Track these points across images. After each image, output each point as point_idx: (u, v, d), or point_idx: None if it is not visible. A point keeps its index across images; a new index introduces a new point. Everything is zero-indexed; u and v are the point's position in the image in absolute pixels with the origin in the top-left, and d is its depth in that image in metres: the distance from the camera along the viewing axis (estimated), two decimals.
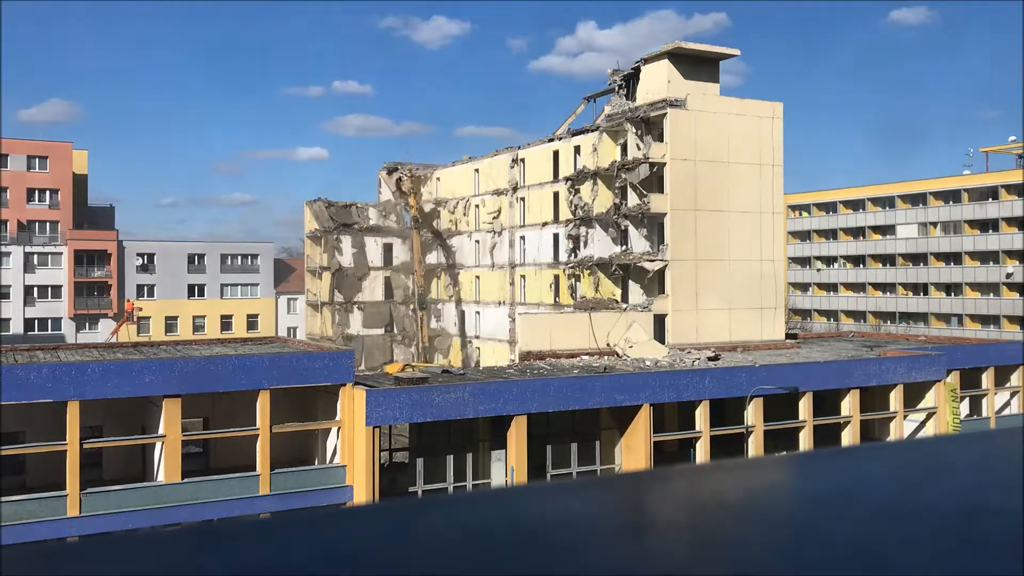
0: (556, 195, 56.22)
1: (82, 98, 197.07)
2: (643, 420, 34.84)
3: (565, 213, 55.05)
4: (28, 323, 77.40)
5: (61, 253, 78.50)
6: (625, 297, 50.55)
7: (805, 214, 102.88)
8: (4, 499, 27.02)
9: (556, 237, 56.14)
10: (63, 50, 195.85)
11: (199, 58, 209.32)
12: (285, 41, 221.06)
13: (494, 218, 62.45)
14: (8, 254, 76.72)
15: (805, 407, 38.00)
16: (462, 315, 65.73)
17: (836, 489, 1.44)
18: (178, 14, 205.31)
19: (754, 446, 36.49)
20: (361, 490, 30.86)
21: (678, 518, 1.34)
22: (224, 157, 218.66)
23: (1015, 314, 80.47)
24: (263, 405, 30.58)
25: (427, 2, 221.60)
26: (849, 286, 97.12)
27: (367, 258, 70.03)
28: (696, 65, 50.11)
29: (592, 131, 53.92)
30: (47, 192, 79.87)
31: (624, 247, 51.13)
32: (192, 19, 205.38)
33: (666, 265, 47.29)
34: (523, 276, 59.41)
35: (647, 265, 48.02)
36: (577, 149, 55.11)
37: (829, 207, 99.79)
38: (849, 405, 39.18)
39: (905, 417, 41.05)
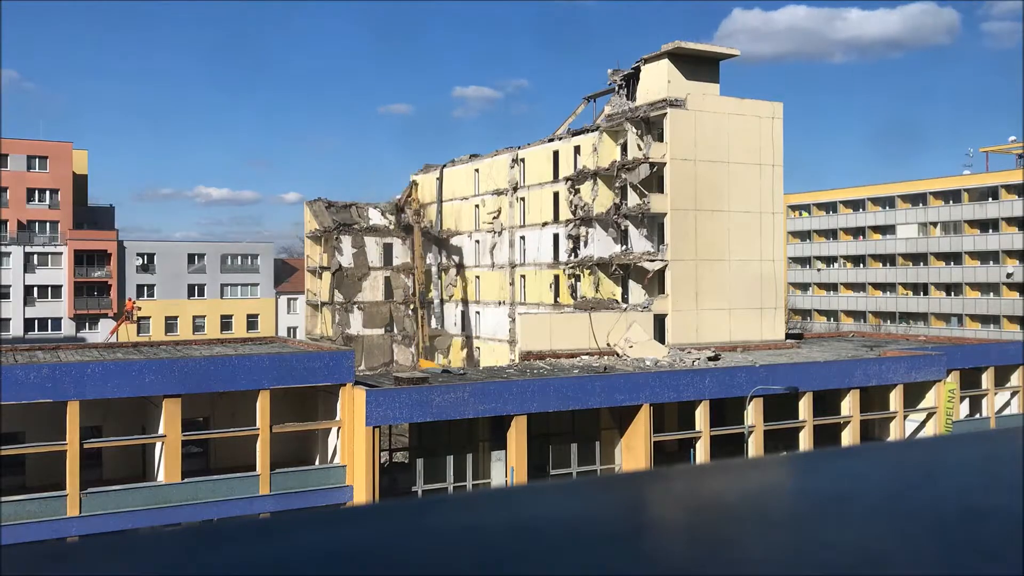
0: (556, 195, 56.21)
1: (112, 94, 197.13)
2: (643, 420, 34.84)
3: (565, 213, 55.03)
4: (28, 323, 77.36)
5: (61, 253, 78.47)
6: (625, 297, 50.55)
7: (805, 214, 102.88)
8: (4, 499, 27.02)
9: (556, 237, 56.13)
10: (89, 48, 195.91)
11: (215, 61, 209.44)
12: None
13: (494, 218, 62.43)
14: (8, 254, 76.69)
15: (805, 407, 37.99)
16: (463, 315, 65.75)
17: (836, 489, 1.44)
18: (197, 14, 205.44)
19: (754, 446, 36.49)
20: (361, 490, 30.86)
21: (678, 518, 1.34)
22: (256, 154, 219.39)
23: (1015, 314, 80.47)
24: (263, 405, 30.58)
25: (436, 1, 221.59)
26: (849, 286, 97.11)
27: (367, 258, 70.01)
28: (696, 65, 50.10)
29: (592, 131, 53.91)
30: (47, 192, 79.85)
31: (624, 247, 51.13)
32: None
33: (666, 265, 47.29)
34: (523, 276, 59.39)
35: (647, 265, 48.02)
36: (577, 149, 55.10)
37: (829, 207, 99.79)
38: (849, 405, 39.17)
39: (905, 417, 41.05)
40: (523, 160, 60.08)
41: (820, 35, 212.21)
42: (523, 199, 59.77)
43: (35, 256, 77.95)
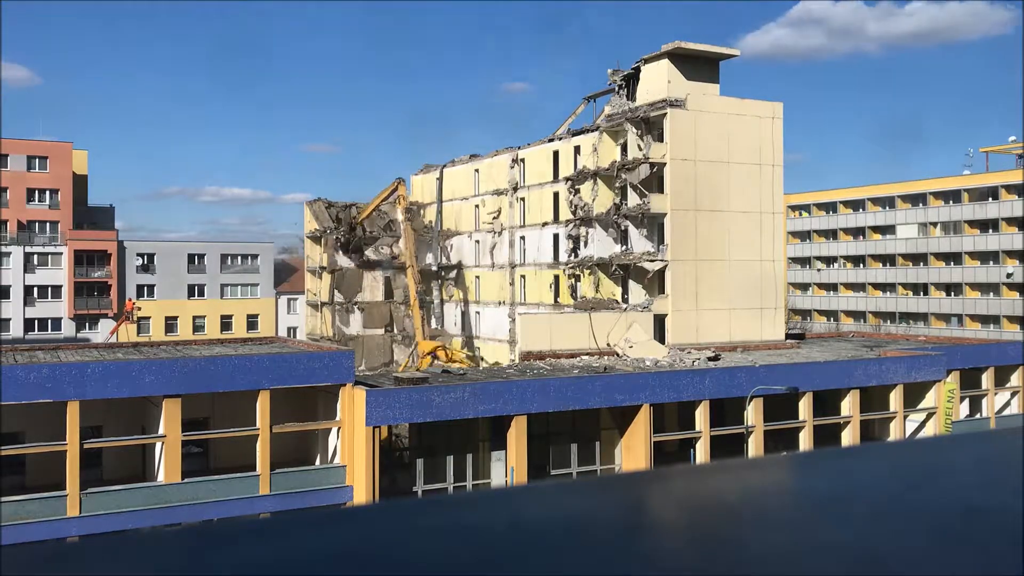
0: (556, 195, 56.20)
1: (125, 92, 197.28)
2: (643, 420, 34.84)
3: (565, 213, 55.03)
4: (28, 323, 77.37)
5: (61, 253, 78.49)
6: (625, 297, 50.54)
7: (805, 214, 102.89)
8: (4, 499, 27.02)
9: (556, 237, 56.13)
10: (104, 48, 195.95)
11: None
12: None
13: (494, 218, 62.44)
14: (8, 254, 76.70)
15: (805, 407, 37.99)
16: (463, 315, 65.75)
17: (836, 489, 1.44)
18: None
19: (754, 446, 36.49)
20: (361, 490, 30.86)
21: (678, 518, 1.34)
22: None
23: (1015, 314, 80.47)
24: (263, 405, 30.58)
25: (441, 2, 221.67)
26: (849, 286, 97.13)
27: (367, 258, 69.99)
28: (696, 65, 50.10)
29: (592, 131, 53.90)
30: (47, 192, 79.86)
31: (624, 247, 51.12)
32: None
33: (666, 265, 47.28)
34: (523, 276, 59.40)
35: (647, 265, 48.01)
36: (577, 149, 55.09)
37: (829, 207, 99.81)
38: (849, 405, 39.17)
39: (905, 417, 41.05)
40: (523, 160, 60.09)
41: (857, 28, 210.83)
42: (523, 199, 59.77)
43: (35, 256, 77.96)
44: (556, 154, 57.02)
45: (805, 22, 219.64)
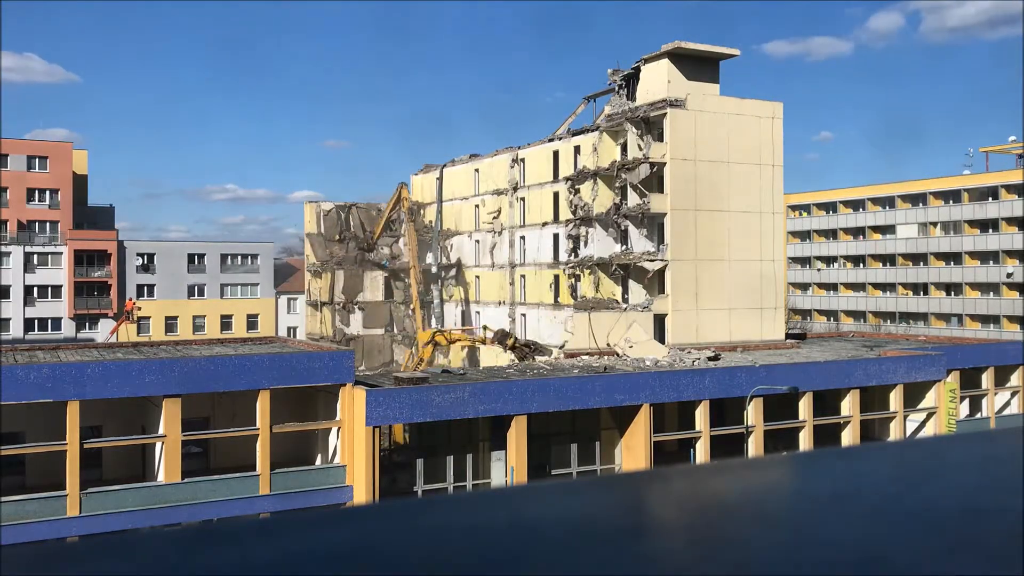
0: (556, 195, 56.20)
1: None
2: (643, 420, 34.84)
3: (565, 213, 55.03)
4: (28, 323, 77.33)
5: (61, 253, 78.45)
6: (625, 297, 50.54)
7: (805, 214, 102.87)
8: (4, 499, 27.02)
9: (556, 237, 56.12)
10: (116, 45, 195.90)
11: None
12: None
13: (494, 218, 62.43)
14: (8, 254, 76.66)
15: (805, 407, 37.99)
16: (463, 315, 65.74)
17: (836, 489, 1.44)
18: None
19: (754, 446, 36.49)
20: (361, 490, 30.86)
21: (678, 518, 1.34)
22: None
23: (1015, 314, 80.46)
24: (263, 405, 30.58)
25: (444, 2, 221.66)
26: (849, 286, 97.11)
27: (367, 258, 70.01)
28: (696, 65, 50.09)
29: (592, 131, 53.90)
30: (47, 192, 79.83)
31: (624, 247, 51.12)
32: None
33: (666, 265, 47.29)
34: (523, 276, 59.40)
35: (647, 265, 48.02)
36: (577, 149, 55.09)
37: (829, 207, 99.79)
38: (849, 405, 39.17)
39: (905, 417, 41.05)
40: (523, 160, 60.08)
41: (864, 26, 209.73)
42: (523, 199, 59.77)
43: (35, 256, 77.91)
44: (556, 154, 57.02)
45: (811, 23, 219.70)
